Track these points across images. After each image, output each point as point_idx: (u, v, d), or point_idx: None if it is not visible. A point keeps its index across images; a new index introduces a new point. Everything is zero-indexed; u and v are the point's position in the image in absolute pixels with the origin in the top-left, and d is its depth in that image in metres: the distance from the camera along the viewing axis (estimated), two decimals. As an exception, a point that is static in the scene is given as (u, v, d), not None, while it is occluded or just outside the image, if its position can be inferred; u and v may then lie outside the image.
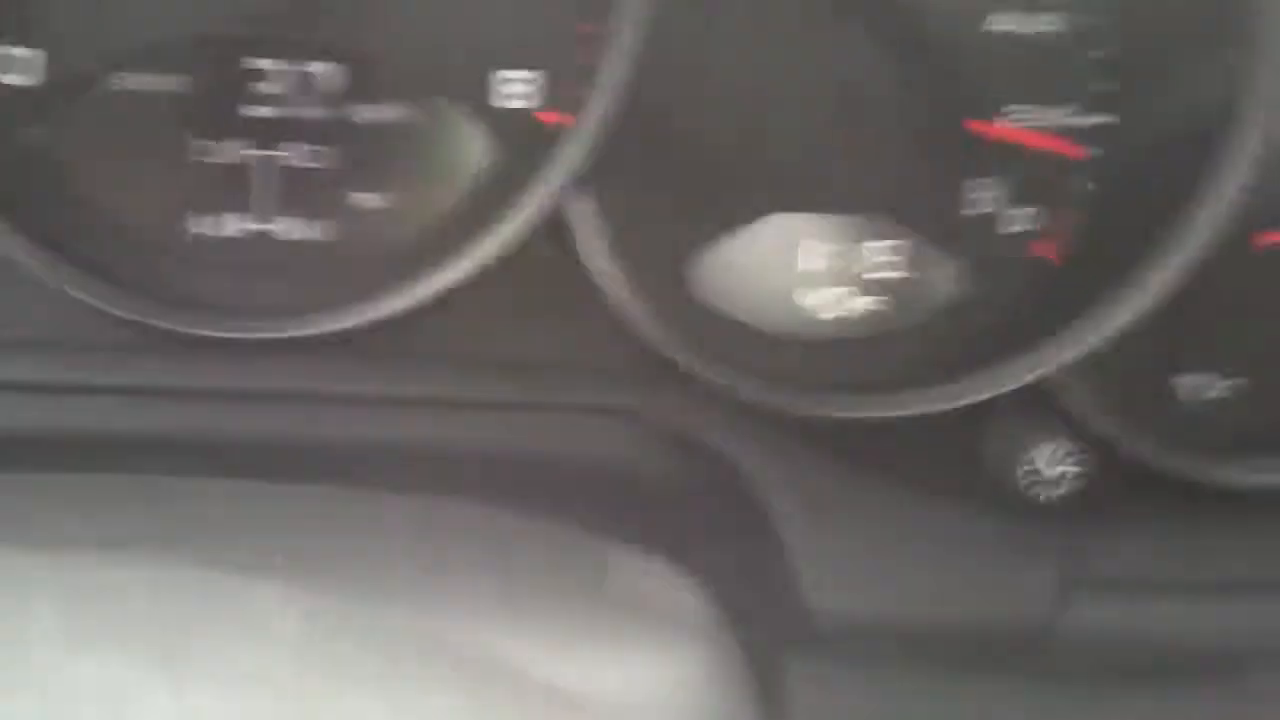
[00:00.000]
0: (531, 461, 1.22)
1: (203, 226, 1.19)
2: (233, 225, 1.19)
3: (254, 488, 1.11)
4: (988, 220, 1.27)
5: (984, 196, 1.27)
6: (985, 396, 1.18)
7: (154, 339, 1.14)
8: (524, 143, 1.18)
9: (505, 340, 1.21)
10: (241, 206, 1.19)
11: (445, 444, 1.20)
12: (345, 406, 1.19)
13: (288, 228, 1.20)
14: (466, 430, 1.20)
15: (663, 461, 1.22)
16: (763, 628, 1.21)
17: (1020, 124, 1.26)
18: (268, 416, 1.18)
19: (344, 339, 1.15)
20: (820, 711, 1.21)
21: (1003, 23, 1.25)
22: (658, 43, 1.16)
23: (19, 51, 1.15)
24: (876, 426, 1.20)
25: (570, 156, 1.13)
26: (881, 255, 1.27)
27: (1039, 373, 1.18)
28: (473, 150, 1.20)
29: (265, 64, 1.17)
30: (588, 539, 1.08)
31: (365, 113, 1.18)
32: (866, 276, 1.27)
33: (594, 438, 1.21)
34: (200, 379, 1.17)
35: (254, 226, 1.19)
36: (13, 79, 1.15)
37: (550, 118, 1.18)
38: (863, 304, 1.28)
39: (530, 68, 1.19)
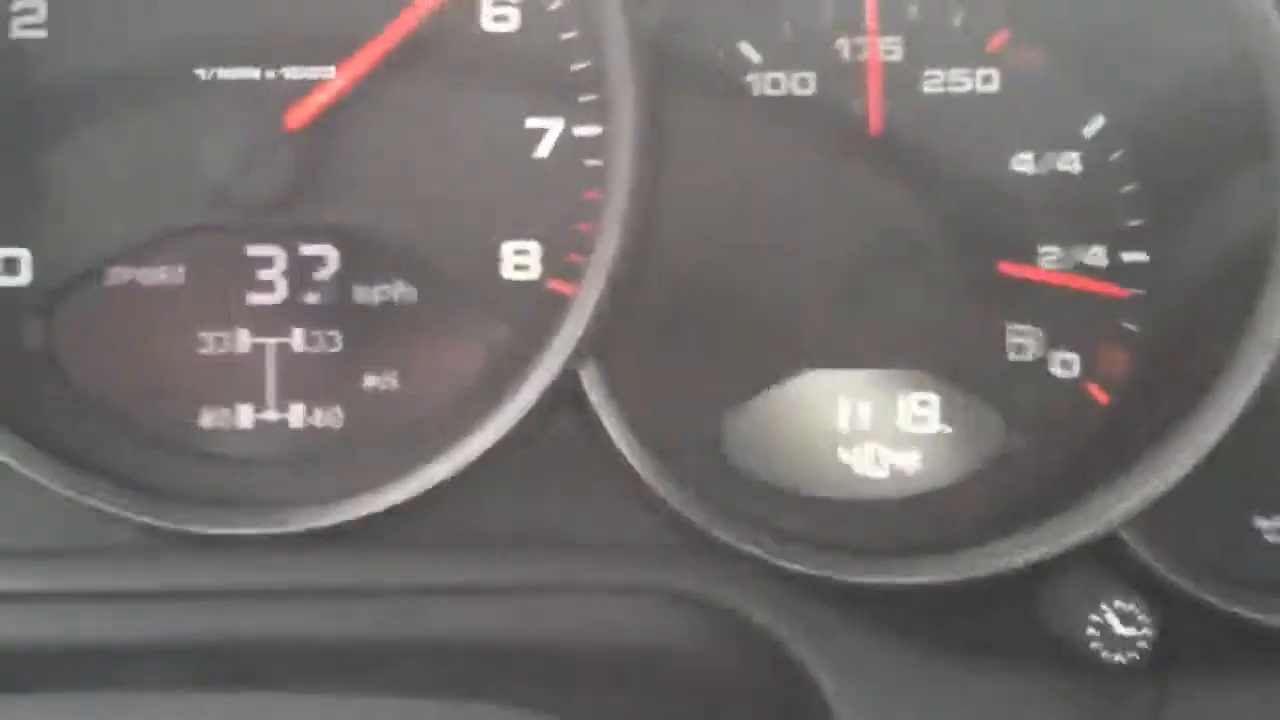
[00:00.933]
0: (564, 649, 1.14)
1: (215, 420, 1.16)
2: (246, 416, 1.16)
3: (255, 697, 1.04)
4: (1033, 366, 1.21)
5: (1027, 342, 1.21)
6: (1043, 555, 1.10)
7: (168, 540, 1.10)
8: (534, 315, 1.15)
9: (529, 521, 1.16)
10: (254, 397, 1.16)
11: (470, 635, 1.13)
12: (367, 600, 1.13)
13: (301, 415, 1.16)
14: (491, 620, 1.13)
15: (701, 642, 1.15)
16: None
17: (1056, 265, 1.21)
18: (284, 615, 1.12)
19: (362, 528, 1.10)
20: None
21: (1027, 163, 1.21)
22: (669, 205, 1.15)
23: (9, 252, 1.14)
24: (931, 589, 1.12)
25: (578, 325, 1.09)
26: (924, 409, 1.21)
27: (1098, 528, 1.10)
28: (483, 325, 1.16)
29: (266, 250, 1.15)
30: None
31: (372, 294, 1.16)
32: (909, 431, 1.21)
33: (627, 620, 1.14)
34: (220, 578, 1.12)
35: (268, 416, 1.16)
36: (5, 280, 1.14)
37: (560, 287, 1.15)
38: (908, 461, 1.21)
39: (537, 238, 1.16)
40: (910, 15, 1.20)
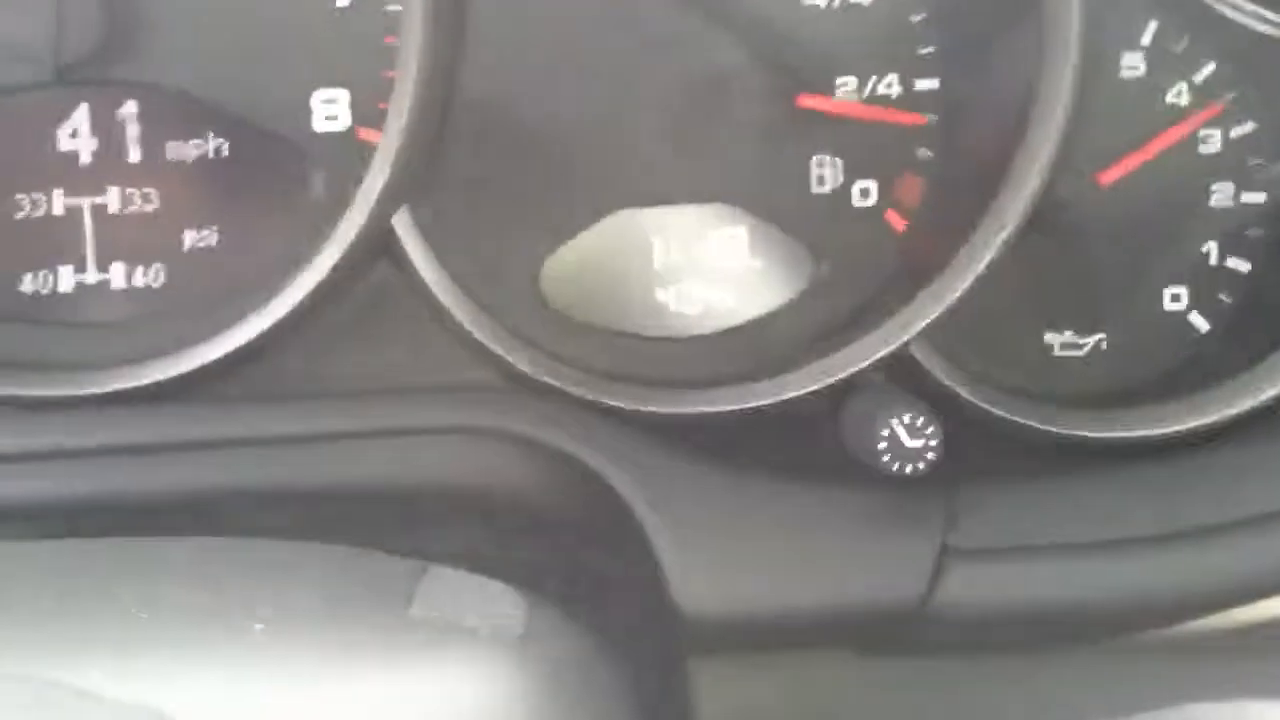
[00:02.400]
0: (388, 491, 1.18)
1: (36, 283, 1.18)
2: (67, 279, 1.18)
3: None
4: (835, 196, 1.26)
5: (829, 173, 1.26)
6: (836, 377, 1.17)
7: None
8: (346, 164, 1.17)
9: (355, 369, 1.20)
10: (73, 259, 1.18)
11: (296, 483, 1.16)
12: (192, 453, 1.15)
13: (122, 275, 1.19)
14: (317, 466, 1.16)
15: (524, 479, 1.19)
16: (642, 641, 1.16)
17: (851, 96, 1.25)
18: (115, 471, 1.14)
19: (185, 384, 1.13)
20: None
21: None
22: (476, 51, 1.18)
23: None
24: (739, 419, 1.18)
25: (382, 172, 1.12)
26: (733, 243, 1.26)
27: (888, 346, 1.16)
28: (297, 177, 1.19)
29: (74, 109, 1.17)
30: (400, 562, 1.04)
31: (185, 149, 1.18)
32: (721, 265, 1.26)
33: (450, 460, 1.18)
34: (42, 439, 1.14)
35: (88, 278, 1.19)
36: None
37: (370, 136, 1.17)
38: (719, 295, 1.26)
39: (345, 86, 1.19)
40: None
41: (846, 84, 1.25)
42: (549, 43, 1.23)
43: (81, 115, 1.17)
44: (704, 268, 1.26)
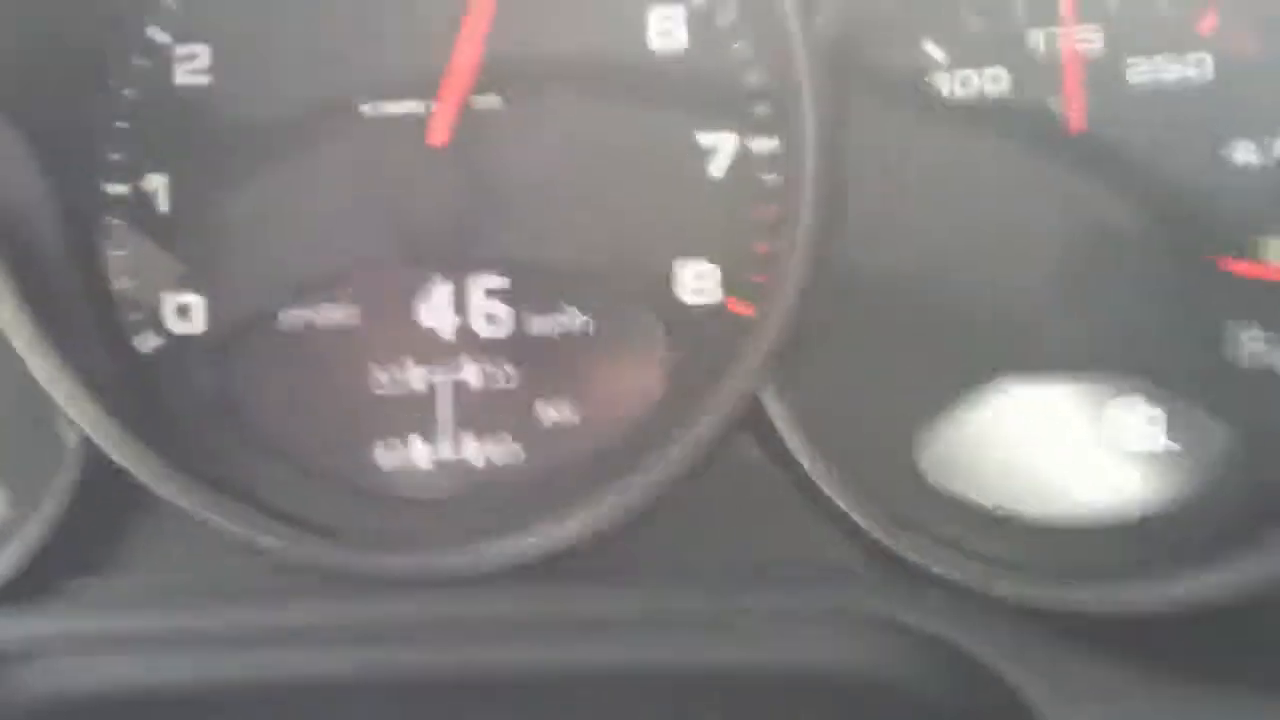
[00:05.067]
0: (756, 677, 1.09)
1: (392, 459, 1.13)
2: (423, 455, 1.13)
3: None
4: (1263, 370, 1.11)
5: (1256, 344, 1.11)
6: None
7: (345, 582, 1.08)
8: (712, 337, 1.11)
9: (716, 548, 1.11)
10: (430, 434, 1.14)
11: (660, 666, 1.08)
12: (550, 633, 1.09)
13: (479, 452, 1.14)
14: (680, 651, 1.08)
15: (906, 670, 1.07)
16: None
17: None
18: (466, 651, 1.09)
19: (545, 563, 1.06)
20: None
21: (1241, 151, 1.12)
22: (855, 215, 1.10)
23: (183, 299, 1.15)
24: (1150, 616, 1.04)
25: (760, 347, 1.05)
26: (1146, 421, 1.12)
27: None
28: (661, 352, 1.13)
29: (437, 284, 1.13)
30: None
31: (544, 324, 1.13)
32: (1130, 446, 1.12)
33: (821, 647, 1.08)
34: (402, 616, 1.09)
35: (445, 454, 1.14)
36: (180, 327, 1.15)
37: (739, 309, 1.11)
38: (1127, 479, 1.12)
39: (713, 259, 1.13)
40: (1110, 1, 1.12)
41: (1272, 246, 1.11)
42: (931, 204, 1.14)
43: (443, 292, 1.13)
44: (1107, 446, 1.12)
